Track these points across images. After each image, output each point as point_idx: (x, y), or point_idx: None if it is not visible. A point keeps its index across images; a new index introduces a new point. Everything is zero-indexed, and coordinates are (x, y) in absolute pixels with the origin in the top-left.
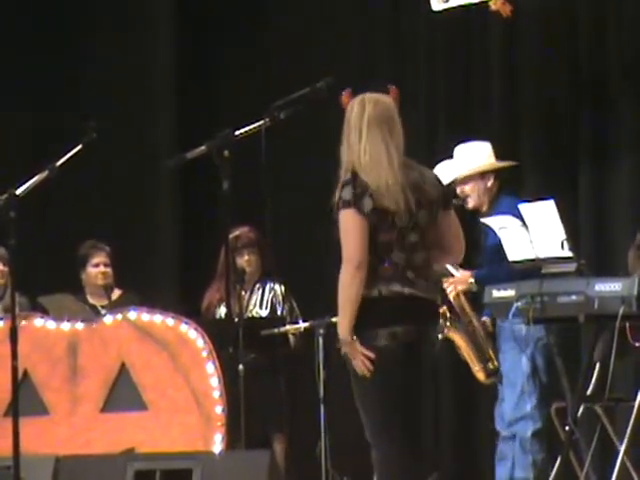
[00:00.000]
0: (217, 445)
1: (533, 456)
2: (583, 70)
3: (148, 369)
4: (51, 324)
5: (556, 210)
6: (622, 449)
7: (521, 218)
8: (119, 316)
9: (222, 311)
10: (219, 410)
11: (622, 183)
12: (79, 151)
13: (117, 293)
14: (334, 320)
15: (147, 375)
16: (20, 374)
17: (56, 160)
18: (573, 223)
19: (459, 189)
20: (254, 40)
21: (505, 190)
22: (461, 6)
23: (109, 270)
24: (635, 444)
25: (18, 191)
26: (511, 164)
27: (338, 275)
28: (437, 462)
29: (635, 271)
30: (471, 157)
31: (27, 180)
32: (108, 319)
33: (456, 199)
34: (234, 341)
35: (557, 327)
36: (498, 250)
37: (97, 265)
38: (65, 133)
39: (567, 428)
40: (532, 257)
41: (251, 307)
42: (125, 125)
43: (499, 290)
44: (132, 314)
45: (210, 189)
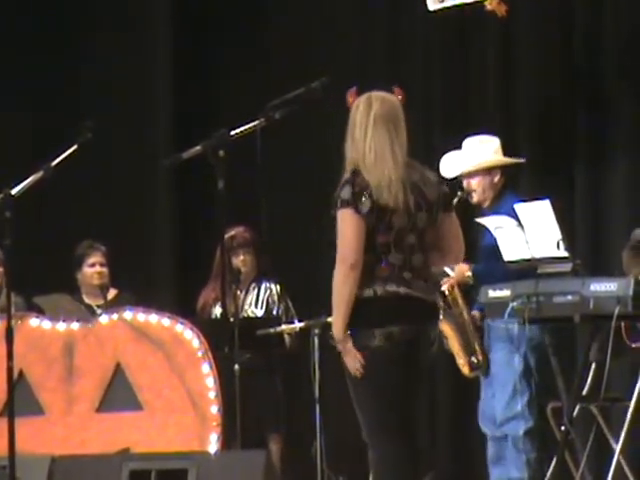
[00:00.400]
0: (213, 445)
1: (526, 455)
2: (579, 70)
3: (144, 369)
4: (47, 324)
5: (552, 210)
6: (618, 449)
7: (517, 218)
8: (115, 316)
9: (217, 311)
10: (215, 410)
11: (618, 183)
12: (74, 151)
13: (113, 293)
14: (330, 320)
15: (143, 375)
16: (15, 374)
17: (52, 160)
18: (569, 223)
19: (465, 182)
20: (254, 40)
21: (509, 188)
22: (456, 6)
23: (105, 270)
24: (631, 444)
25: (14, 191)
26: (519, 161)
27: (334, 275)
28: (433, 462)
29: (630, 271)
30: (480, 151)
31: (24, 180)
32: (104, 319)
33: (461, 191)
34: (230, 341)
35: (553, 327)
36: (494, 250)
37: (93, 265)
38: (65, 133)
39: (563, 428)
40: (528, 257)
41: (247, 307)
42: (124, 125)
43: (495, 290)
44: (128, 314)
45: (206, 189)
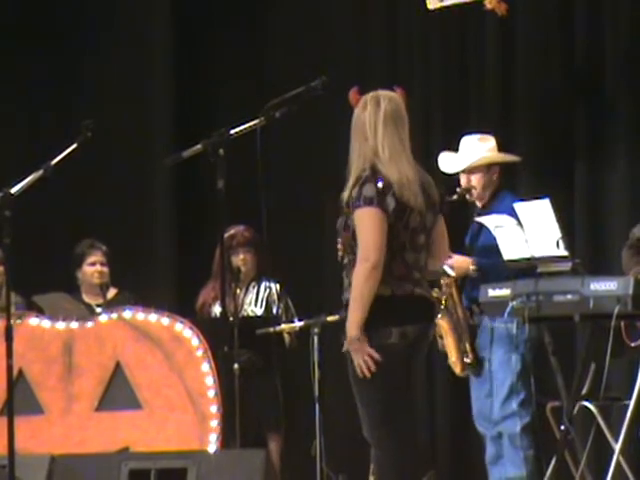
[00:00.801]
0: (212, 444)
1: (524, 452)
2: (578, 69)
3: (143, 368)
4: (46, 323)
5: (551, 209)
6: (617, 448)
7: (517, 217)
8: (114, 315)
9: (217, 310)
10: (214, 409)
11: (618, 182)
12: (74, 150)
13: (112, 292)
14: (330, 319)
15: (142, 374)
16: (15, 373)
17: (52, 159)
18: (568, 222)
19: (465, 179)
20: (253, 40)
21: (505, 186)
22: (456, 5)
23: (105, 269)
24: (630, 443)
25: (13, 190)
26: (517, 159)
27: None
28: (433, 459)
29: (630, 270)
30: (479, 148)
31: (23, 179)
32: (103, 318)
33: (459, 188)
34: (229, 340)
35: (552, 326)
36: (494, 248)
37: (93, 264)
38: (65, 133)
39: (562, 427)
40: (527, 256)
41: (246, 306)
42: (124, 125)
43: (494, 289)
44: (127, 313)
45: (206, 188)
